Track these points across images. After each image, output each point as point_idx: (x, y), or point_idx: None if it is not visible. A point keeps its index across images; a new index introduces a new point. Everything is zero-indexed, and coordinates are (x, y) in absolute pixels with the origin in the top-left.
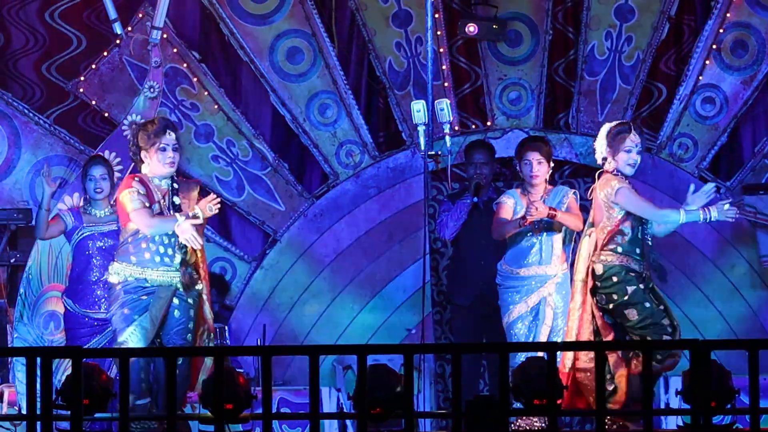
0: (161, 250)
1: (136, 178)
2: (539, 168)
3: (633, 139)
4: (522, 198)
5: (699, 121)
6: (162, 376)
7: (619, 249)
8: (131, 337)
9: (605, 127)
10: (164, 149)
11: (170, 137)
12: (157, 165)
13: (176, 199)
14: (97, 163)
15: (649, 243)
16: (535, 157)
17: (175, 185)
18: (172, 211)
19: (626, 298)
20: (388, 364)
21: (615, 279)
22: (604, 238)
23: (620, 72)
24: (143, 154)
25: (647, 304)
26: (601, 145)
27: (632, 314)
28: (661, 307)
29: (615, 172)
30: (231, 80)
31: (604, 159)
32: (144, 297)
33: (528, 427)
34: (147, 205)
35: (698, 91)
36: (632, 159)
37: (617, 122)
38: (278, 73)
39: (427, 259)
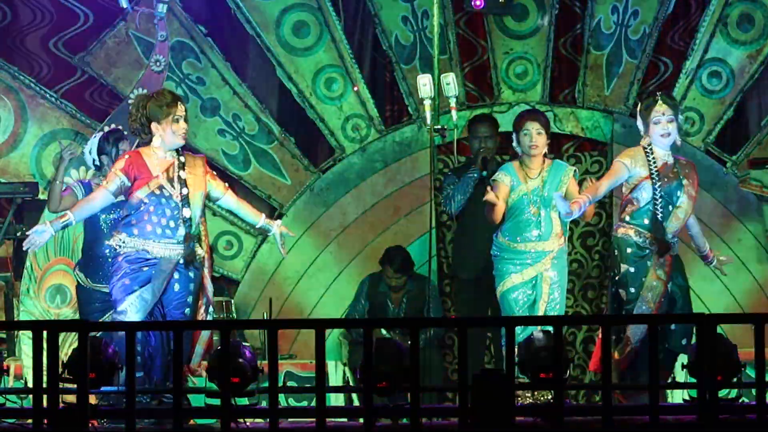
0: (164, 222)
1: (127, 155)
2: (538, 138)
3: (659, 109)
4: (519, 171)
5: (705, 95)
6: (156, 350)
7: (627, 218)
8: (131, 308)
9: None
10: (178, 120)
11: (182, 108)
12: (171, 136)
13: (182, 174)
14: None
15: (663, 220)
16: (534, 127)
17: (182, 158)
18: (178, 184)
19: (617, 278)
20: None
21: (616, 253)
22: (619, 211)
23: (626, 46)
24: (154, 126)
25: (632, 289)
26: (638, 123)
27: (623, 295)
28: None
29: (646, 146)
30: (237, 54)
31: (644, 135)
32: (145, 268)
33: (535, 401)
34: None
35: (704, 65)
36: (663, 129)
37: (647, 96)
38: (284, 47)
39: (433, 233)
